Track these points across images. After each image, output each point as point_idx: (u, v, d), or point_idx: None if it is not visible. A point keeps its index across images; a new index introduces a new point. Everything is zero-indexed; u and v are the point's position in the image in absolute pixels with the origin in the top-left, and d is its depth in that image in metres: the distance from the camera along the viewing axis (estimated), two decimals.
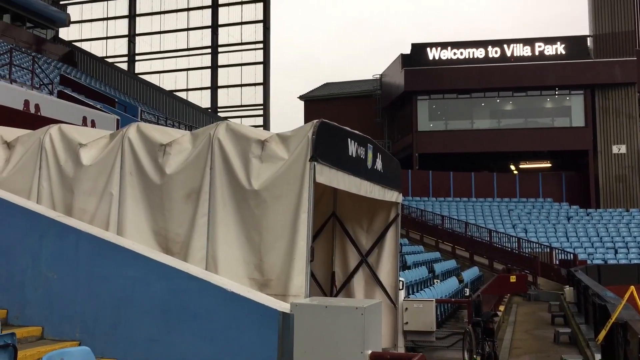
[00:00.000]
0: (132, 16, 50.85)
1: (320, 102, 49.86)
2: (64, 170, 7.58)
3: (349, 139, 7.57)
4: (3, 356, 4.61)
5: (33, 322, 6.47)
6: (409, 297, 12.49)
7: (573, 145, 39.46)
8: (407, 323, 11.11)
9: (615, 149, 38.99)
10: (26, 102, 15.47)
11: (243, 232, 6.65)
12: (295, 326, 5.46)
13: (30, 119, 13.50)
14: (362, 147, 8.06)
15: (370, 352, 5.42)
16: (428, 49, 41.75)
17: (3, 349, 4.60)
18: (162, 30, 50.47)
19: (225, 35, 49.41)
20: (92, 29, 51.26)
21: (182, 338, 5.85)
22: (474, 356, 9.81)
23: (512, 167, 45.57)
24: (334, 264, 10.71)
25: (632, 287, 9.56)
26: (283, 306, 5.65)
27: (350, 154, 7.59)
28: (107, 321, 6.17)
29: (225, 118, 44.18)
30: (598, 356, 10.72)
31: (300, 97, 52.13)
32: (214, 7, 49.37)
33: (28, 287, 6.60)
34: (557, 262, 28.19)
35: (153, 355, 5.92)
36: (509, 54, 40.85)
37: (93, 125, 17.32)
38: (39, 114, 15.46)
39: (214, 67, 49.70)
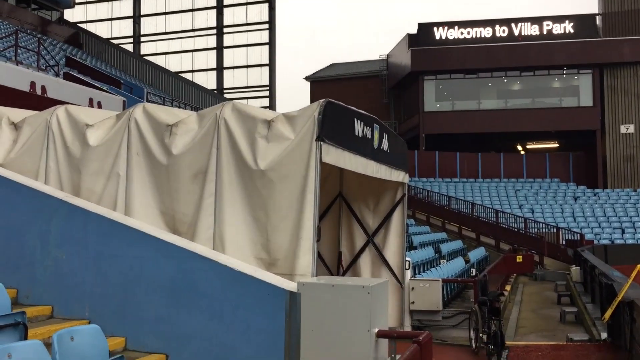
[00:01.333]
0: None
1: (326, 83, 49.63)
2: (71, 151, 7.61)
3: (355, 119, 7.55)
4: (14, 334, 4.67)
5: (43, 302, 6.54)
6: (415, 277, 12.54)
7: (581, 125, 39.19)
8: (413, 302, 11.18)
9: (623, 129, 38.71)
10: (32, 84, 15.48)
11: (250, 212, 6.68)
12: (302, 305, 5.50)
13: (36, 101, 13.53)
14: (368, 127, 8.04)
15: (377, 330, 5.46)
16: (435, 29, 41.38)
17: (14, 327, 4.66)
18: (167, 11, 50.19)
19: (230, 16, 49.11)
20: (97, 10, 51.01)
21: (190, 317, 5.90)
22: (480, 335, 9.86)
23: (519, 148, 45.37)
24: (341, 244, 10.75)
25: (639, 266, 9.57)
26: (290, 285, 5.68)
27: (356, 133, 7.57)
28: (116, 300, 6.24)
29: (231, 99, 44.04)
30: (604, 334, 10.77)
31: (306, 78, 51.90)
32: None
33: (37, 267, 6.66)
34: (564, 242, 28.17)
35: (162, 333, 5.99)
36: (516, 33, 40.45)
37: (99, 106, 17.33)
38: (45, 95, 15.48)
39: (220, 48, 49.47)
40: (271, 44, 48.28)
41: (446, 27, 41.30)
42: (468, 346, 10.46)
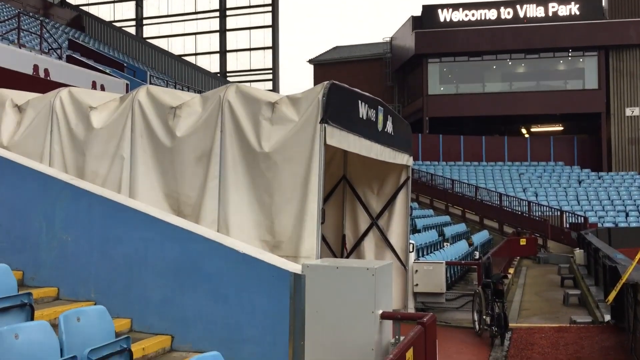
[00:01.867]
0: None
1: (329, 66, 49.39)
2: (75, 134, 7.61)
3: (359, 101, 7.52)
4: (20, 315, 4.70)
5: (49, 283, 6.58)
6: (419, 260, 12.57)
7: (586, 108, 38.98)
8: (417, 285, 11.23)
9: (628, 112, 38.49)
10: (35, 67, 15.45)
11: (254, 195, 6.69)
12: (306, 287, 5.52)
13: (40, 84, 13.51)
14: (372, 110, 8.02)
15: (381, 311, 5.48)
16: (439, 11, 41.07)
17: (20, 308, 4.69)
18: None
19: None
20: None
21: (195, 298, 5.93)
22: (484, 317, 9.90)
23: (524, 131, 45.20)
24: (345, 227, 10.78)
25: None
26: (294, 267, 5.70)
27: (360, 116, 7.54)
28: (121, 282, 6.27)
29: (234, 82, 43.84)
30: (607, 317, 10.81)
31: (310, 61, 51.67)
32: None
33: (43, 249, 6.69)
34: (568, 226, 28.18)
35: (167, 315, 6.02)
36: (521, 15, 40.11)
37: (102, 89, 17.29)
38: (48, 78, 15.45)
39: (222, 31, 49.19)
40: (274, 26, 47.99)
41: (450, 9, 40.97)
42: (471, 328, 10.50)
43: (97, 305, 5.77)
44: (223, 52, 49.50)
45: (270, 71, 48.66)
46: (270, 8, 47.79)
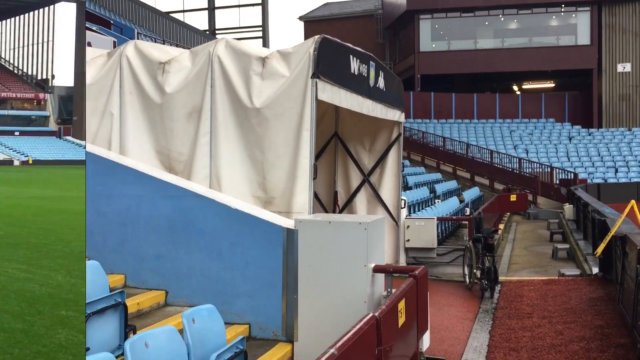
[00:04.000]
0: None
1: (320, 23, 48.70)
2: None
3: (351, 56, 7.45)
4: None
5: None
6: (410, 216, 12.66)
7: (577, 64, 38.81)
8: (408, 240, 11.32)
9: (620, 68, 38.36)
10: None
11: (246, 151, 6.66)
12: (299, 241, 5.56)
13: None
14: (364, 65, 7.94)
15: (373, 265, 5.54)
16: None
17: None
18: None
19: None
20: None
21: (189, 254, 5.97)
22: (474, 271, 10.04)
23: (515, 88, 45.05)
24: (337, 183, 10.81)
25: (633, 201, 9.67)
26: (287, 222, 5.73)
27: (352, 71, 7.48)
28: (114, 238, 6.29)
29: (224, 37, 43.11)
30: (595, 269, 10.99)
31: (300, 18, 50.92)
32: None
33: None
34: (558, 182, 28.38)
35: (161, 270, 6.06)
36: None
37: (89, 47, 16.98)
38: None
39: None
40: None
41: None
42: (462, 282, 10.66)
43: (90, 261, 5.79)
44: (211, 8, 48.65)
45: (260, 28, 48.03)
46: None
